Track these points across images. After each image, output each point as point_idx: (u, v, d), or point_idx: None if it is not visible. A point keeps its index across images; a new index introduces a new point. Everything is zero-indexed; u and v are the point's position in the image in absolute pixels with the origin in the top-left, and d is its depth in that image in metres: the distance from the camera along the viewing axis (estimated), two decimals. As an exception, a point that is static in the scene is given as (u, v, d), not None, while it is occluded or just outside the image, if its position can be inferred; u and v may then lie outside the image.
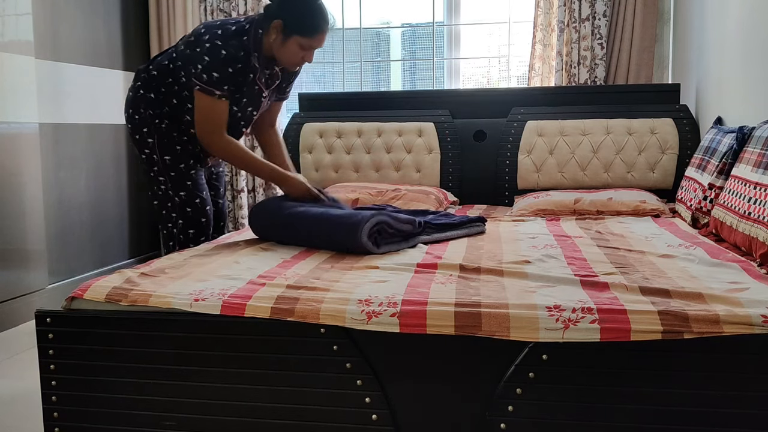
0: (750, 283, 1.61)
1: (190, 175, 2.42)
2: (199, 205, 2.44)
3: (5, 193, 3.01)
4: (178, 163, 2.40)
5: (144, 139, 2.39)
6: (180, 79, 2.35)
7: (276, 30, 2.27)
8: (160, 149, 2.38)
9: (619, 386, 1.41)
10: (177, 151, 2.40)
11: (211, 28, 2.27)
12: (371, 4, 4.44)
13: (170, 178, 2.40)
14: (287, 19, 2.25)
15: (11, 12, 3.07)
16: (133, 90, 2.43)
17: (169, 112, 2.39)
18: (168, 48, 2.47)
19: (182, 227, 2.44)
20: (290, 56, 2.31)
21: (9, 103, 3.04)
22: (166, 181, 2.40)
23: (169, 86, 2.37)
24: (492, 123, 3.54)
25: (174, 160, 2.39)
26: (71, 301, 1.67)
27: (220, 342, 1.55)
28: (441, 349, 1.47)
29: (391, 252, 2.06)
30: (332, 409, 1.52)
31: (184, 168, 2.41)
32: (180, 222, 2.43)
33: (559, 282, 1.65)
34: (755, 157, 2.15)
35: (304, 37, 2.26)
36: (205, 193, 2.47)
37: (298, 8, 2.26)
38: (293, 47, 2.28)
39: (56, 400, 1.64)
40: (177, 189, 2.41)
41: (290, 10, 2.26)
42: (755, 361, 1.36)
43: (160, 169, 2.40)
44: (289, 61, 2.34)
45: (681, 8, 3.65)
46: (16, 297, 3.06)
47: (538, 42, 3.87)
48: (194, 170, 2.44)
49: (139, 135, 2.40)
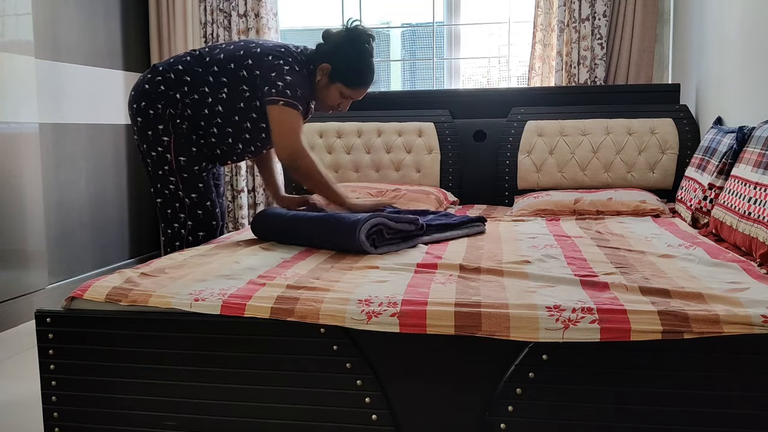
0: (750, 283, 1.61)
1: (202, 177, 2.42)
2: (209, 208, 2.44)
3: (5, 193, 3.01)
4: (193, 165, 2.39)
5: (158, 137, 2.36)
6: (220, 94, 2.34)
7: (323, 72, 2.32)
8: (176, 149, 2.36)
9: (619, 386, 1.41)
10: (193, 153, 2.38)
11: (281, 54, 2.28)
12: (371, 4, 4.44)
13: (182, 179, 2.39)
14: (336, 66, 2.30)
15: (11, 12, 3.06)
16: (151, 84, 2.36)
17: (190, 115, 2.37)
18: (195, 51, 2.42)
19: (192, 229, 2.44)
20: (329, 100, 2.37)
21: (9, 103, 3.04)
22: (176, 181, 2.39)
23: (203, 95, 2.35)
24: (492, 123, 3.54)
25: (189, 161, 2.38)
26: (71, 301, 1.67)
27: (220, 342, 1.55)
28: (441, 349, 1.47)
29: (390, 252, 2.06)
30: (332, 409, 1.52)
31: (197, 170, 2.40)
32: (189, 224, 2.43)
33: (559, 282, 1.65)
34: (755, 157, 2.15)
35: (348, 87, 2.32)
36: (213, 195, 2.47)
37: (350, 59, 2.31)
38: (335, 93, 2.34)
39: (56, 400, 1.64)
40: (188, 191, 2.40)
41: (342, 59, 2.30)
42: (755, 361, 1.36)
43: (172, 169, 2.38)
44: (325, 104, 2.40)
45: (681, 8, 3.65)
46: (16, 297, 3.06)
47: (538, 42, 3.87)
48: (206, 173, 2.43)
49: (152, 131, 2.36)
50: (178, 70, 2.37)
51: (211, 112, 2.36)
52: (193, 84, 2.35)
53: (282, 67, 2.25)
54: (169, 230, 2.46)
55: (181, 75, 2.36)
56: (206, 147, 2.42)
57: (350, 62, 2.30)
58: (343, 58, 2.30)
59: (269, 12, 4.14)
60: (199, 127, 2.39)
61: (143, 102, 2.36)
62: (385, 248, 2.06)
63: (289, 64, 2.27)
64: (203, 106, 2.36)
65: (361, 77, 2.32)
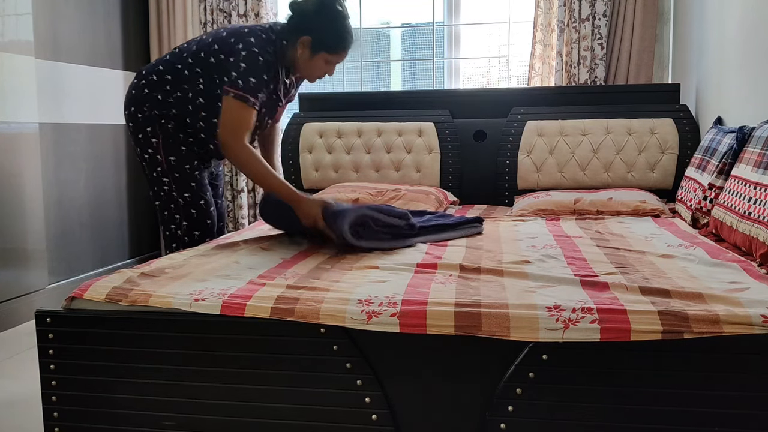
0: (750, 283, 1.61)
1: (195, 176, 2.41)
2: (203, 207, 2.44)
3: (5, 193, 3.01)
4: (183, 164, 2.39)
5: (148, 139, 2.37)
6: (197, 86, 2.34)
7: (303, 45, 2.30)
8: (165, 150, 2.37)
9: (619, 386, 1.41)
10: (182, 152, 2.39)
11: (243, 35, 2.26)
12: (371, 4, 4.44)
13: (174, 179, 2.39)
14: (317, 37, 2.28)
15: (11, 12, 3.07)
16: (137, 89, 2.40)
17: (176, 114, 2.37)
18: (175, 49, 2.45)
19: (187, 229, 2.43)
20: (316, 71, 2.36)
21: (9, 103, 3.04)
22: (170, 182, 2.39)
23: (184, 91, 2.35)
24: (492, 123, 3.54)
25: (179, 161, 2.38)
26: (71, 301, 1.67)
27: (220, 342, 1.55)
28: (441, 349, 1.47)
29: (379, 250, 2.06)
30: (332, 409, 1.52)
31: (189, 169, 2.40)
32: (184, 224, 2.43)
33: (559, 282, 1.65)
34: (755, 157, 2.15)
35: (332, 54, 2.31)
36: (208, 194, 2.46)
37: (328, 27, 2.28)
38: (320, 63, 2.33)
39: (56, 400, 1.64)
40: (181, 190, 2.40)
41: (320, 29, 2.28)
42: (755, 361, 1.36)
43: (164, 169, 2.38)
44: (312, 75, 2.39)
45: (681, 8, 3.66)
46: (16, 297, 3.06)
47: (538, 42, 3.87)
48: (198, 171, 2.43)
49: (142, 134, 2.38)
50: (159, 70, 2.39)
51: (195, 106, 2.36)
52: (173, 82, 2.36)
53: (239, 53, 2.22)
54: (167, 232, 2.46)
55: (162, 75, 2.37)
56: (197, 145, 2.42)
57: (329, 29, 2.28)
58: (321, 28, 2.28)
59: (269, 12, 4.14)
60: (186, 124, 2.39)
61: (132, 107, 2.40)
62: (372, 243, 2.05)
63: (249, 47, 2.23)
64: (186, 102, 2.36)
65: (342, 41, 2.30)
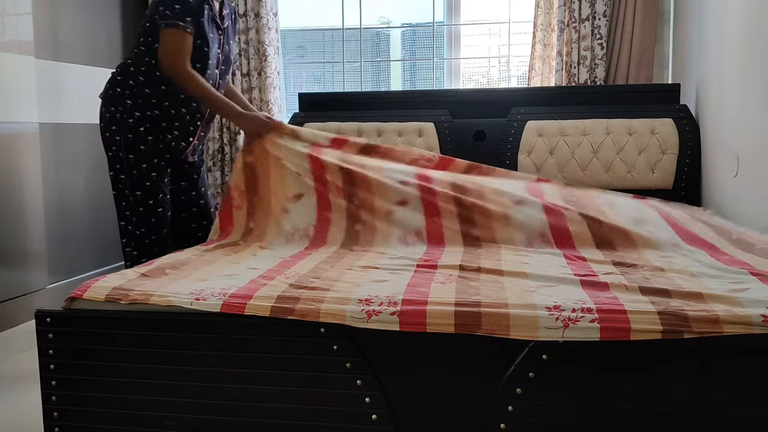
0: (750, 283, 1.61)
1: (151, 177, 2.46)
2: (152, 206, 2.48)
3: (5, 193, 3.00)
4: (141, 162, 2.45)
5: (112, 137, 2.47)
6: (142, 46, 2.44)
7: None
8: (126, 147, 2.44)
9: (619, 386, 1.41)
10: (141, 151, 2.45)
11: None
12: (371, 4, 4.44)
13: (130, 177, 2.45)
14: None
15: (11, 12, 3.06)
16: (104, 91, 2.52)
17: (132, 105, 2.43)
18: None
19: (135, 224, 2.48)
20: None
21: (9, 103, 3.04)
22: (125, 179, 2.46)
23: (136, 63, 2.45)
24: (492, 123, 3.53)
25: (137, 159, 2.45)
26: (71, 301, 1.67)
27: (220, 341, 1.55)
28: (441, 349, 1.47)
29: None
30: (332, 409, 1.52)
31: (145, 168, 2.46)
32: (133, 219, 2.47)
33: (559, 282, 1.65)
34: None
35: None
36: (161, 196, 2.50)
37: None
38: None
39: (56, 400, 1.64)
40: (134, 188, 2.45)
41: None
42: (755, 361, 1.36)
43: (122, 167, 2.46)
44: None
45: (681, 8, 3.65)
46: (16, 297, 3.06)
47: (538, 42, 3.87)
48: (156, 172, 2.47)
49: (108, 133, 2.48)
50: (128, 64, 2.49)
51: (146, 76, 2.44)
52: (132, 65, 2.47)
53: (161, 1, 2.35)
54: (119, 225, 2.52)
55: (131, 71, 2.46)
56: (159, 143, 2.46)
57: None
58: None
59: (269, 12, 4.13)
60: (144, 108, 2.44)
61: (102, 107, 2.52)
62: None
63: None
64: (137, 74, 2.45)
65: None
